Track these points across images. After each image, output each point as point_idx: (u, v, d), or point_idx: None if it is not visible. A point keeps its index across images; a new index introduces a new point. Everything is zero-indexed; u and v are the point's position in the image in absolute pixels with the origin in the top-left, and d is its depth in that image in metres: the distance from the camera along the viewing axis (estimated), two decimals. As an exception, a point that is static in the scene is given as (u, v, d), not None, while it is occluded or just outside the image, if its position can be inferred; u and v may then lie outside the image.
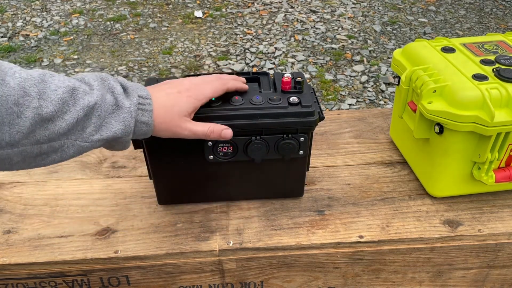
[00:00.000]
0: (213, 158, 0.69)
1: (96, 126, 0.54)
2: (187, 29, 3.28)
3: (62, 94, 0.51)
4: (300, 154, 0.70)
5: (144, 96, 0.58)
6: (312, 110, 0.67)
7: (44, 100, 0.50)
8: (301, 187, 0.77)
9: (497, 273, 0.76)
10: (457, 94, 0.67)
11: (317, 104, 0.70)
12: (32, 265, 0.68)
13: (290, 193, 0.78)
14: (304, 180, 0.77)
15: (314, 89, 0.76)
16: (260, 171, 0.73)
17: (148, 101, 0.58)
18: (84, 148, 0.55)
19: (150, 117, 0.58)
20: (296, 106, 0.67)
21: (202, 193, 0.76)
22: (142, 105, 0.58)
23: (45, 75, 0.51)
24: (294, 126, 0.67)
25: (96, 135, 0.54)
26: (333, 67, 2.83)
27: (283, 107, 0.67)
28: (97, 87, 0.55)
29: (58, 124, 0.51)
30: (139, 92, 0.58)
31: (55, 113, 0.50)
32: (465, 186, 0.75)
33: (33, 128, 0.49)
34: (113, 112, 0.55)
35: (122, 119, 0.56)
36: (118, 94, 0.56)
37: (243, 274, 0.72)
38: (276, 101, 0.67)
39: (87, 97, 0.53)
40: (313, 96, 0.71)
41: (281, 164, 0.72)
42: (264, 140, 0.68)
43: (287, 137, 0.68)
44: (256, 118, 0.66)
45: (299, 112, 0.66)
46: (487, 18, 3.51)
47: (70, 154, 0.54)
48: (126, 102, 0.56)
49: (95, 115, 0.54)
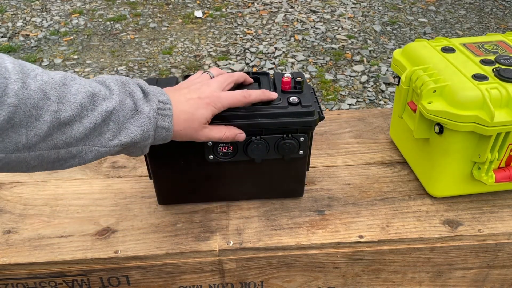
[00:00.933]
0: (213, 158, 0.69)
1: (114, 131, 0.54)
2: (187, 29, 3.28)
3: (82, 99, 0.51)
4: (300, 154, 0.70)
5: (165, 101, 0.58)
6: (312, 110, 0.66)
7: (63, 104, 0.50)
8: (301, 187, 0.77)
9: (497, 273, 0.76)
10: (457, 94, 0.67)
11: (317, 104, 0.70)
12: (32, 265, 0.68)
13: (290, 193, 0.78)
14: (304, 180, 0.76)
15: (314, 89, 0.76)
16: (260, 171, 0.73)
17: (169, 106, 0.59)
18: (102, 153, 0.55)
19: (170, 122, 0.58)
20: (296, 106, 0.67)
21: (202, 193, 0.76)
22: (162, 110, 0.58)
23: (67, 79, 0.51)
24: (294, 126, 0.67)
25: (115, 140, 0.54)
26: (333, 67, 2.83)
27: (283, 107, 0.67)
28: (117, 92, 0.55)
29: (75, 128, 0.51)
30: (159, 97, 0.58)
31: (73, 117, 0.50)
32: (465, 186, 0.75)
33: (50, 131, 0.49)
34: (132, 117, 0.55)
35: (141, 124, 0.56)
36: (138, 99, 0.56)
37: (243, 274, 0.72)
38: (276, 101, 0.67)
39: (105, 102, 0.53)
40: (313, 96, 0.71)
41: (281, 164, 0.72)
42: (264, 140, 0.68)
43: (287, 137, 0.68)
44: (256, 118, 0.66)
45: (299, 112, 0.66)
46: (487, 18, 3.51)
47: (89, 159, 0.54)
48: (145, 107, 0.56)
49: (113, 120, 0.54)
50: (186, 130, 0.61)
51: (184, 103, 0.61)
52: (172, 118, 0.59)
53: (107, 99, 0.54)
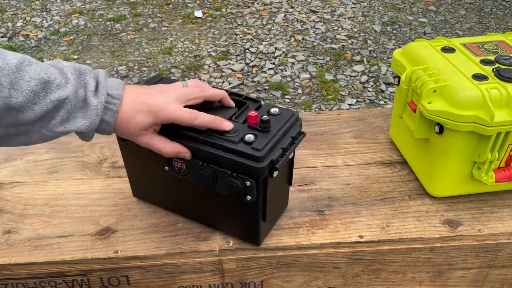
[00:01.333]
0: (168, 170, 0.67)
1: (62, 119, 0.55)
2: (187, 29, 3.28)
3: (35, 86, 0.52)
4: (247, 198, 0.62)
5: (114, 96, 0.58)
6: (258, 155, 0.58)
7: (15, 91, 0.51)
8: (255, 236, 0.68)
9: (497, 273, 0.76)
10: (457, 94, 0.67)
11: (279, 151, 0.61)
12: (32, 265, 0.68)
13: (247, 237, 0.70)
14: (259, 230, 0.67)
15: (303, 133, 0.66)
16: (214, 201, 0.68)
17: (116, 102, 0.58)
18: (47, 136, 0.56)
19: (113, 117, 0.58)
20: (246, 145, 0.60)
21: (165, 201, 0.75)
22: (109, 104, 0.58)
23: (23, 63, 0.52)
24: (237, 166, 0.60)
25: (60, 127, 0.56)
26: (333, 67, 2.83)
27: (232, 142, 0.60)
28: (72, 82, 0.55)
29: (26, 114, 0.52)
30: (110, 91, 0.58)
31: (24, 103, 0.52)
32: (465, 186, 0.75)
33: (1, 115, 0.51)
34: (82, 108, 0.56)
35: (89, 116, 0.57)
36: (89, 91, 0.57)
37: (243, 274, 0.72)
38: (230, 133, 0.61)
39: (59, 91, 0.54)
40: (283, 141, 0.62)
41: (234, 203, 0.65)
42: (212, 170, 0.62)
43: (233, 175, 0.61)
44: (204, 145, 0.61)
45: (245, 153, 0.59)
46: (487, 18, 3.51)
47: (35, 139, 0.56)
48: (94, 100, 0.57)
49: (64, 108, 0.55)
50: (124, 131, 0.61)
51: (130, 104, 0.60)
52: (116, 114, 0.58)
53: (61, 87, 0.54)
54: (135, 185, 0.77)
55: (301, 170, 0.84)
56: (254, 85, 2.65)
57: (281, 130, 0.63)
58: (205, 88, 0.65)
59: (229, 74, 2.76)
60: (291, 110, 0.66)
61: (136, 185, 0.77)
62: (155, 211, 0.76)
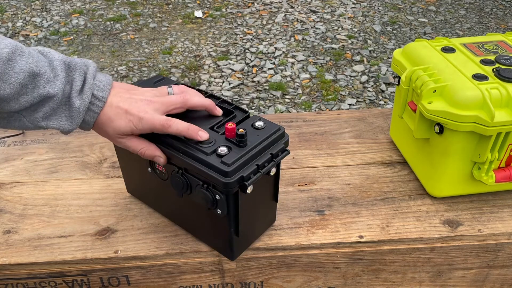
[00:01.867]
0: (151, 172, 0.67)
1: (45, 115, 0.56)
2: (187, 29, 3.28)
3: (24, 79, 0.52)
4: (218, 212, 0.60)
5: (98, 97, 0.59)
6: (227, 170, 0.56)
7: (3, 82, 0.50)
8: (230, 250, 0.66)
9: (497, 273, 0.76)
10: (457, 94, 0.67)
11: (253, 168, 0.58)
12: (32, 265, 0.68)
13: (221, 250, 0.68)
14: (232, 246, 0.65)
15: (286, 150, 0.63)
16: (193, 209, 0.66)
17: (99, 104, 0.59)
18: (27, 127, 0.56)
19: (93, 118, 0.59)
20: (218, 158, 0.58)
21: (152, 201, 0.75)
22: (92, 105, 0.58)
23: (15, 53, 0.51)
24: (207, 178, 0.58)
25: (42, 123, 0.56)
26: (333, 67, 2.83)
27: (203, 152, 0.58)
28: (61, 78, 0.55)
29: (11, 105, 0.53)
30: (95, 91, 0.58)
31: (11, 95, 0.51)
32: (465, 186, 0.75)
33: None
34: (65, 109, 0.57)
35: (71, 117, 0.57)
36: (74, 90, 0.56)
37: (243, 274, 0.72)
38: (205, 143, 0.60)
39: (48, 86, 0.54)
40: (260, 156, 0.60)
41: (208, 215, 0.64)
42: (186, 178, 0.61)
43: (203, 186, 0.59)
44: (178, 152, 0.60)
45: (214, 166, 0.57)
46: (487, 18, 3.51)
47: (14, 126, 0.56)
48: (77, 101, 0.57)
49: (49, 105, 0.55)
50: (102, 133, 0.62)
51: (112, 108, 0.60)
52: (97, 116, 0.59)
53: (50, 82, 0.54)
54: (127, 182, 0.78)
55: (301, 170, 0.84)
56: (254, 85, 2.65)
57: (260, 145, 0.60)
58: (189, 97, 0.64)
59: (229, 74, 2.76)
60: (276, 125, 0.63)
61: (128, 182, 0.78)
62: (155, 211, 0.76)
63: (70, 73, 0.57)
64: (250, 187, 0.58)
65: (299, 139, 0.92)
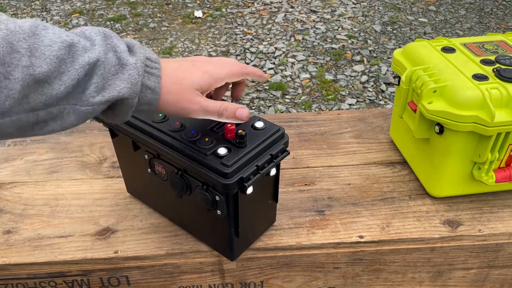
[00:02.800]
0: (150, 172, 0.67)
1: (97, 87, 0.47)
2: (187, 29, 3.28)
3: (58, 51, 0.44)
4: (217, 213, 0.60)
5: (153, 59, 0.51)
6: (227, 171, 0.56)
7: (36, 58, 0.42)
8: (230, 251, 0.66)
9: (497, 273, 0.76)
10: (457, 94, 0.67)
11: (253, 169, 0.58)
12: (32, 265, 0.68)
13: (222, 251, 0.68)
14: (233, 246, 0.65)
15: (286, 151, 0.63)
16: (193, 210, 0.66)
17: (156, 65, 0.51)
18: (85, 113, 0.47)
19: (158, 83, 0.51)
20: (217, 159, 0.57)
21: (152, 201, 0.75)
22: (149, 68, 0.50)
23: (38, 27, 0.43)
24: (206, 179, 0.58)
25: (98, 97, 0.47)
26: (333, 67, 2.83)
27: (203, 153, 0.58)
28: (100, 43, 0.47)
29: (55, 87, 0.44)
30: (147, 54, 0.51)
31: (50, 73, 0.43)
32: (465, 186, 0.75)
33: (26, 92, 0.42)
34: (117, 72, 0.48)
35: (128, 76, 0.48)
36: (121, 53, 0.49)
37: (243, 274, 0.72)
38: (204, 144, 0.59)
39: (87, 53, 0.46)
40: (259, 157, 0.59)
41: (208, 215, 0.63)
42: (186, 179, 0.61)
43: (203, 187, 0.59)
44: (178, 153, 0.60)
45: (213, 167, 0.56)
46: (487, 18, 3.51)
47: (71, 121, 0.47)
48: (131, 59, 0.49)
49: (97, 74, 0.46)
50: (175, 96, 0.52)
51: (174, 68, 0.53)
52: (160, 78, 0.51)
53: (88, 50, 0.46)
54: (127, 182, 0.78)
55: (301, 170, 0.84)
56: (254, 85, 2.65)
57: (259, 146, 0.60)
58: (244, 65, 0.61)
59: (229, 74, 2.75)
60: (276, 125, 0.63)
61: (128, 182, 0.78)
62: (155, 211, 0.76)
63: (107, 40, 0.49)
64: (250, 188, 0.58)
65: (299, 139, 0.92)
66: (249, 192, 0.58)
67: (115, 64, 0.48)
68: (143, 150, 0.65)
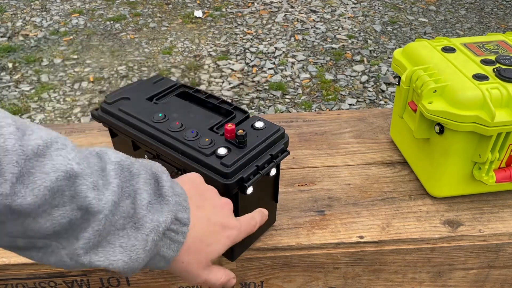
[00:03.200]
0: None
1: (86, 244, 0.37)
2: (187, 29, 3.28)
3: (55, 182, 0.35)
4: None
5: (182, 221, 0.42)
6: (227, 171, 0.55)
7: (23, 185, 0.34)
8: (229, 251, 0.62)
9: (498, 274, 0.76)
10: (457, 94, 0.67)
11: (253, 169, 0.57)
12: (32, 265, 0.67)
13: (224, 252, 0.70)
14: (232, 247, 0.59)
15: (286, 151, 0.63)
16: None
17: (184, 230, 0.42)
18: (66, 265, 0.39)
19: (177, 251, 0.42)
20: (217, 159, 0.57)
21: None
22: (174, 233, 0.41)
23: (51, 147, 0.36)
24: (207, 179, 0.56)
25: (84, 257, 0.38)
26: (333, 67, 2.83)
27: (203, 154, 0.58)
28: (114, 187, 0.38)
29: (40, 221, 0.36)
30: (178, 213, 0.41)
31: (36, 207, 0.35)
32: (466, 186, 0.75)
33: (1, 218, 0.35)
34: (124, 228, 0.38)
35: (131, 247, 0.38)
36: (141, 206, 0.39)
37: (243, 274, 0.72)
38: (203, 144, 0.58)
39: (91, 194, 0.37)
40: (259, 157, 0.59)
41: None
42: None
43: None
44: (178, 153, 0.59)
45: (213, 167, 0.56)
46: (488, 18, 3.51)
47: (51, 261, 0.39)
48: (149, 219, 0.39)
49: (92, 226, 0.37)
50: (187, 266, 0.44)
51: (204, 228, 0.45)
52: (181, 246, 0.42)
53: (95, 189, 0.37)
54: None
55: (301, 170, 0.84)
56: (254, 85, 2.65)
57: (259, 146, 0.59)
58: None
59: (229, 74, 2.76)
60: (276, 125, 0.63)
61: None
62: (155, 211, 0.76)
63: (131, 180, 0.40)
64: (250, 188, 0.58)
65: (299, 139, 0.92)
66: (249, 192, 0.58)
67: (127, 216, 0.38)
68: (143, 150, 0.65)
